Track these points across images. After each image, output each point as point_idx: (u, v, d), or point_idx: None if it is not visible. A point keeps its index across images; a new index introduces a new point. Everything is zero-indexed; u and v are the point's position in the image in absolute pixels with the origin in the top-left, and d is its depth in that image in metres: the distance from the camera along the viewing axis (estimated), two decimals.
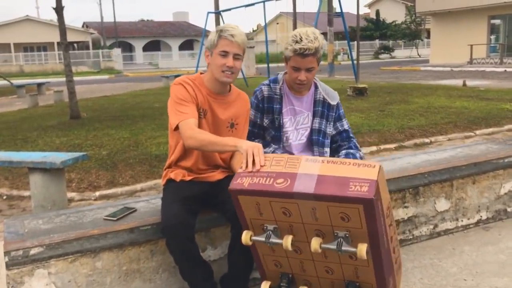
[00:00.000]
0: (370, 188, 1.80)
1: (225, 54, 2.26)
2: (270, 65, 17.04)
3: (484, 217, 3.30)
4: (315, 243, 1.92)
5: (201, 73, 2.43)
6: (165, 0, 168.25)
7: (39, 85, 18.95)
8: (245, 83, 17.32)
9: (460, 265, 2.75)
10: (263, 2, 16.10)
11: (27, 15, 41.86)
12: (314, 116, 2.63)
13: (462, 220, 3.21)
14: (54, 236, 2.16)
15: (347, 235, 1.92)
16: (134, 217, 2.39)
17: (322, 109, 2.63)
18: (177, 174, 2.41)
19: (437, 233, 3.13)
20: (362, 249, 1.88)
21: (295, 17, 24.05)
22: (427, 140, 6.91)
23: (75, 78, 10.00)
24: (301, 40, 2.36)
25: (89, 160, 5.73)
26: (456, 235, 3.16)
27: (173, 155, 2.45)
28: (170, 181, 2.41)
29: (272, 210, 1.97)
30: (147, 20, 60.15)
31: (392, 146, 6.64)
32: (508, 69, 22.32)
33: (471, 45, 25.89)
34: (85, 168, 5.54)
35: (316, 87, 2.66)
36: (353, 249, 1.90)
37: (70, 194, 4.98)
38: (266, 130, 2.63)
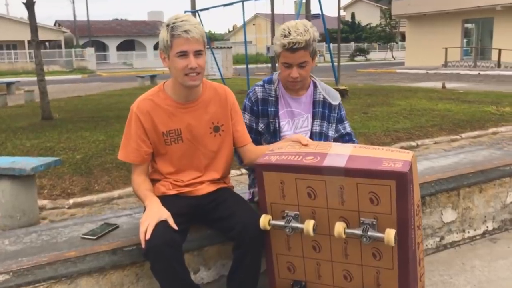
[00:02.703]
0: (404, 165, 1.70)
1: (183, 54, 1.93)
2: (248, 66, 16.77)
3: (490, 228, 3.11)
4: (339, 227, 1.78)
5: (164, 83, 2.12)
6: (140, 0, 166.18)
7: (9, 84, 18.18)
8: (223, 84, 17.03)
9: (474, 282, 2.54)
10: (242, 2, 15.83)
11: None
12: (314, 118, 2.37)
13: (468, 232, 3.02)
14: (23, 260, 1.85)
15: (374, 223, 1.78)
16: (117, 235, 2.08)
17: (322, 110, 2.38)
18: (158, 188, 2.11)
19: (443, 246, 2.93)
20: (390, 233, 1.72)
21: (273, 18, 23.88)
22: (413, 144, 6.77)
23: (47, 78, 9.56)
24: (290, 34, 2.12)
25: (62, 165, 5.35)
26: (463, 248, 2.96)
27: (151, 167, 2.17)
28: None
29: (297, 190, 1.85)
30: (121, 20, 59.11)
31: None
32: (481, 72, 22.67)
33: (446, 48, 26.23)
34: (57, 173, 5.16)
35: (315, 86, 2.40)
36: (380, 234, 1.75)
37: (42, 202, 4.61)
38: (262, 135, 2.36)
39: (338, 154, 1.84)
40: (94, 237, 2.03)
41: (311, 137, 2.35)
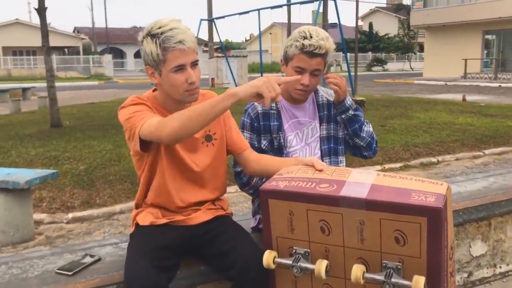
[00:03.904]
0: (438, 199, 1.42)
1: (181, 68, 1.67)
2: (263, 74, 16.56)
3: None
4: (357, 270, 1.48)
5: (153, 90, 1.83)
6: (158, 8, 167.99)
7: (24, 90, 18.27)
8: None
9: None
10: (258, 10, 15.67)
11: (17, 19, 41.11)
12: (320, 123, 2.15)
13: (500, 267, 2.69)
14: None
15: (399, 267, 1.48)
16: (97, 270, 1.81)
17: (327, 112, 2.16)
18: (145, 216, 1.83)
19: (471, 283, 2.60)
20: (419, 281, 1.42)
21: (290, 27, 23.70)
22: (434, 160, 6.42)
23: (64, 84, 9.53)
24: (311, 37, 1.92)
25: (64, 176, 5.14)
26: (494, 286, 2.63)
27: (140, 189, 1.88)
28: (138, 227, 1.84)
29: (308, 223, 1.57)
30: (140, 27, 59.60)
31: (397, 165, 6.13)
32: (502, 85, 22.15)
33: (466, 60, 25.70)
34: (58, 185, 4.94)
35: (315, 91, 2.18)
36: (406, 282, 1.45)
37: (40, 216, 4.39)
38: (265, 153, 2.08)
39: (359, 182, 1.56)
40: (70, 273, 1.76)
41: (320, 143, 2.13)
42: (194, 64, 1.70)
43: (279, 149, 2.08)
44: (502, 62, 27.12)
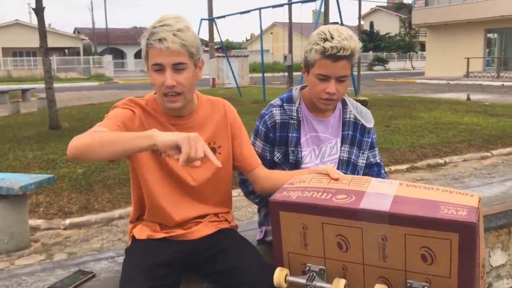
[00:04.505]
0: (470, 213, 1.27)
1: (159, 68, 1.52)
2: (264, 74, 16.39)
3: None
4: None
5: (155, 92, 1.66)
6: (158, 8, 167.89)
7: (24, 91, 18.15)
8: (239, 93, 16.70)
9: None
10: (259, 9, 15.51)
11: (16, 20, 41.00)
12: (342, 142, 1.90)
13: None
14: None
15: (426, 287, 1.33)
16: None
17: (353, 133, 1.89)
18: (142, 230, 1.67)
19: None
20: None
21: (291, 27, 23.55)
22: (441, 161, 6.26)
23: (65, 85, 9.44)
24: (332, 38, 1.66)
25: (61, 180, 5.00)
26: None
27: (133, 208, 1.73)
28: (134, 241, 1.68)
29: (323, 238, 1.42)
30: (140, 28, 59.49)
31: (403, 167, 5.98)
32: (505, 83, 22.02)
33: (468, 58, 25.54)
34: (55, 189, 4.80)
35: (344, 104, 1.93)
36: None
37: (36, 222, 4.25)
38: (278, 167, 1.88)
39: (380, 193, 1.40)
40: None
41: (338, 166, 1.89)
42: (178, 67, 1.52)
43: (295, 164, 1.85)
44: (504, 61, 26.96)
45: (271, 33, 48.26)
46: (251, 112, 8.55)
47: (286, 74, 21.54)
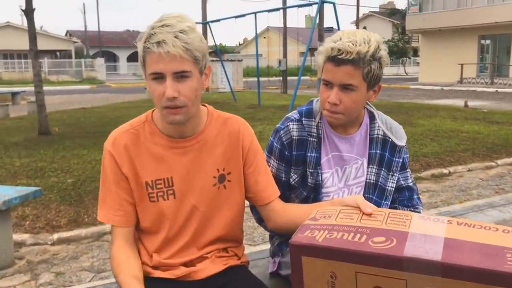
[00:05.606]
0: None
1: (158, 77, 1.28)
2: (259, 79, 16.18)
3: None
4: None
5: (153, 110, 1.44)
6: (152, 11, 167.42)
7: (14, 94, 17.76)
8: (233, 98, 16.46)
9: None
10: (255, 14, 15.32)
11: (7, 22, 40.55)
12: (368, 162, 1.64)
13: None
14: None
15: None
16: None
17: (381, 152, 1.64)
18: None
19: None
20: None
21: (286, 31, 23.40)
22: (445, 171, 6.05)
23: (56, 88, 9.18)
24: (340, 39, 1.45)
25: (48, 191, 4.72)
26: None
27: None
28: None
29: None
30: (133, 31, 59.12)
31: None
32: (499, 89, 22.02)
33: (462, 65, 25.55)
34: (43, 201, 4.52)
35: (371, 118, 1.68)
36: None
37: (22, 236, 3.97)
38: (294, 190, 1.64)
39: (426, 235, 1.14)
40: None
41: (365, 191, 1.64)
42: (181, 76, 1.27)
43: (314, 188, 1.60)
44: (498, 67, 27.01)
45: (264, 38, 48.17)
46: (247, 117, 8.30)
47: (280, 78, 21.39)
